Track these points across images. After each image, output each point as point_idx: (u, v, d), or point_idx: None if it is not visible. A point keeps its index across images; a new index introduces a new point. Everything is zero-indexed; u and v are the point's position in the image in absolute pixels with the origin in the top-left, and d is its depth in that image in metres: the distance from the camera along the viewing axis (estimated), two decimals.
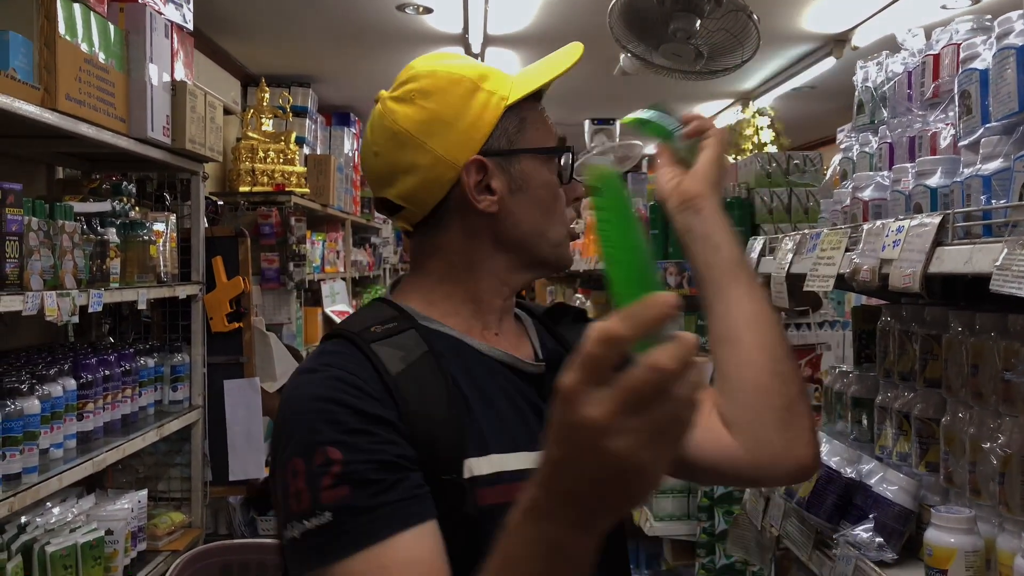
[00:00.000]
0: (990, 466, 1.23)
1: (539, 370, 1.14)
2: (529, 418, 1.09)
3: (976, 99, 1.15)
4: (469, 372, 1.08)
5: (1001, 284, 0.92)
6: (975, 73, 1.15)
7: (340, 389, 0.97)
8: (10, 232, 2.11)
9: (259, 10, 4.63)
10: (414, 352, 1.05)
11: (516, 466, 1.03)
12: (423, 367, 1.03)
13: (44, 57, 2.27)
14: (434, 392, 1.01)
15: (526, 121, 1.15)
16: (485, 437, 1.04)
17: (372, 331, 1.06)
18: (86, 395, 2.65)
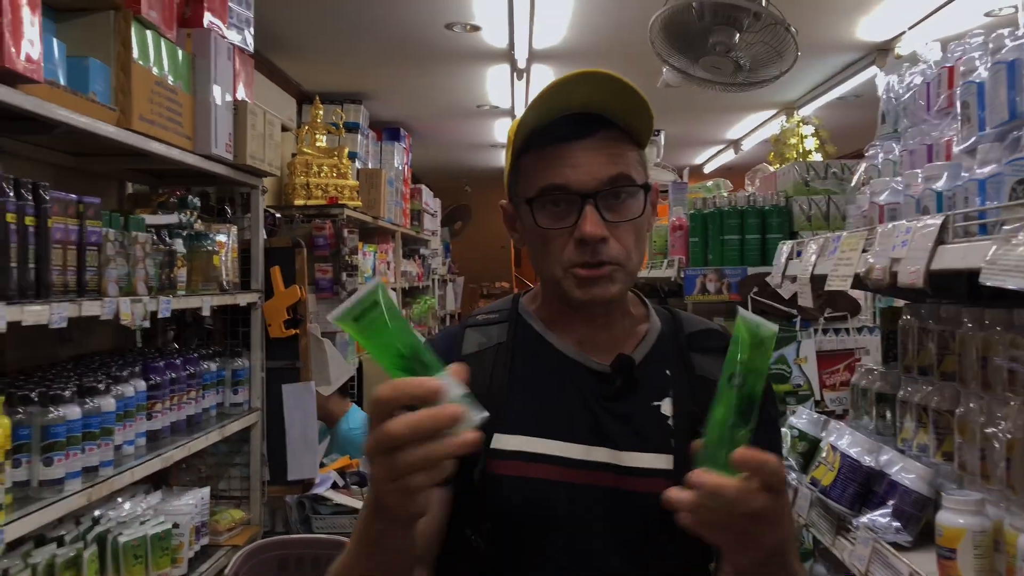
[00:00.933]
0: (997, 451, 1.31)
1: (605, 370, 1.23)
2: (579, 411, 1.20)
3: (974, 109, 1.24)
4: (534, 363, 1.24)
5: (989, 277, 1.01)
6: (973, 85, 1.24)
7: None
8: (90, 243, 2.29)
9: (314, 31, 4.83)
10: (492, 340, 1.27)
11: (539, 450, 1.18)
12: (490, 354, 1.25)
13: (120, 81, 2.45)
14: (483, 375, 1.21)
15: (521, 171, 1.24)
16: (519, 419, 1.20)
17: (477, 318, 1.32)
18: (155, 396, 2.82)
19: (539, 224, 1.19)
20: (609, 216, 1.17)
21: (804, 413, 1.94)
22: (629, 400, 1.21)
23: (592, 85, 1.16)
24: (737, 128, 8.30)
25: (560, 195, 1.17)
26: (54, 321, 2.07)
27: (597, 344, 1.26)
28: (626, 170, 1.19)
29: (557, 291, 1.23)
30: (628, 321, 1.30)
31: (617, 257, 1.18)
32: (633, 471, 1.18)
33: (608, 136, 1.19)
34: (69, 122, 2.15)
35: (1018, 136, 1.11)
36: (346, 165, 5.02)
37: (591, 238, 1.15)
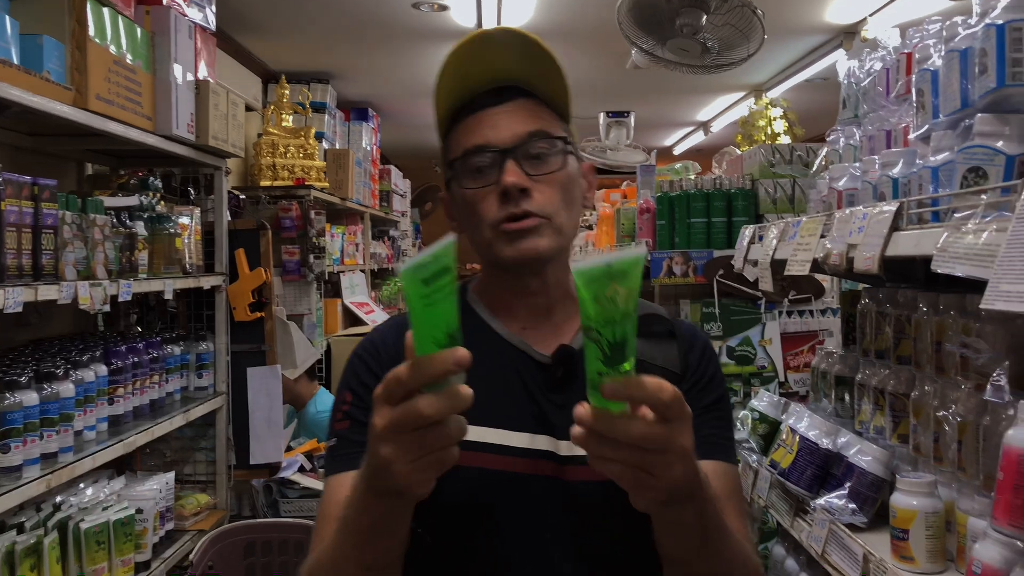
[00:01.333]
0: (949, 434, 1.33)
1: (546, 361, 1.22)
2: (522, 400, 1.20)
3: (928, 97, 1.25)
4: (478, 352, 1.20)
5: (940, 264, 1.02)
6: (928, 73, 1.25)
7: (367, 350, 1.27)
8: (46, 225, 2.25)
9: (278, 9, 4.76)
10: None
11: (482, 438, 1.16)
12: None
13: (75, 59, 2.40)
14: None
15: (448, 149, 1.26)
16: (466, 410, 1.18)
17: None
18: (116, 380, 2.79)
19: (464, 186, 1.21)
20: (531, 170, 1.19)
21: (765, 396, 1.95)
22: (571, 389, 1.20)
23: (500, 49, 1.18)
24: (707, 110, 8.32)
25: (481, 155, 1.19)
26: (9, 306, 2.03)
27: (540, 331, 1.26)
28: (544, 127, 1.21)
29: (491, 259, 1.22)
30: (571, 305, 1.28)
31: (542, 209, 1.18)
32: (574, 460, 1.17)
33: (526, 102, 1.22)
34: (22, 102, 2.10)
35: (970, 124, 1.12)
36: (313, 145, 4.97)
37: (512, 187, 1.16)
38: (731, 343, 3.21)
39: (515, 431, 1.18)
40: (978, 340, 1.24)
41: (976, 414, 1.28)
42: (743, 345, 3.24)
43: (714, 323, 3.23)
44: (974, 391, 1.29)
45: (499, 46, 1.19)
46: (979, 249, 0.95)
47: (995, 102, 1.09)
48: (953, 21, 1.21)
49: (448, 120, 1.25)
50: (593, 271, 0.81)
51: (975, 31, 1.12)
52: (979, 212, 1.00)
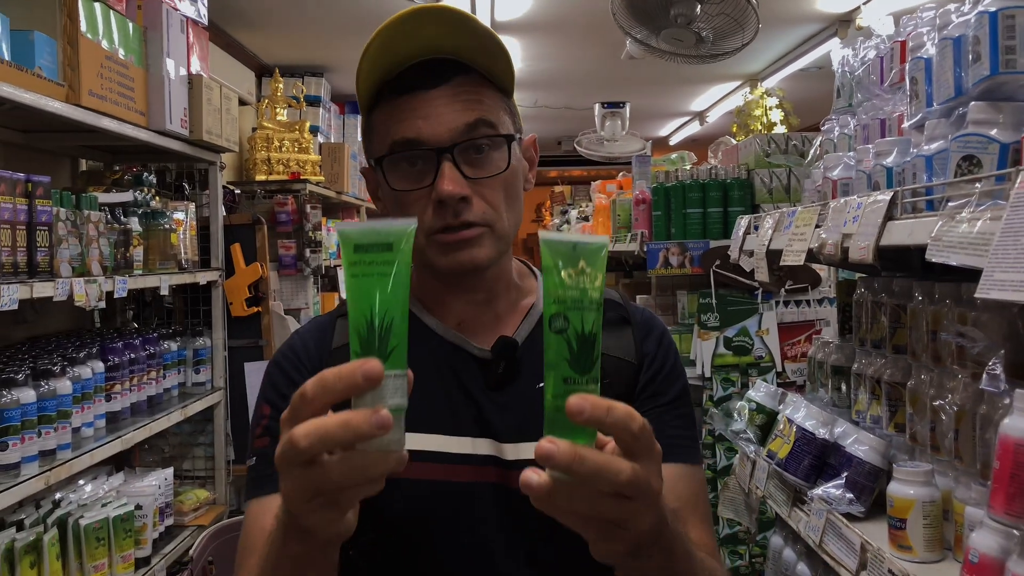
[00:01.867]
0: (945, 423, 1.33)
1: (485, 355, 1.12)
2: (461, 401, 1.10)
3: (922, 85, 1.24)
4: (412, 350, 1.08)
5: (934, 253, 1.02)
6: (921, 61, 1.25)
7: (286, 357, 1.15)
8: (40, 222, 2.24)
9: (271, 2, 4.74)
10: None
11: (421, 446, 1.05)
12: None
13: (67, 55, 2.39)
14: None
15: (373, 128, 1.11)
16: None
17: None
18: (113, 377, 2.79)
19: (393, 187, 1.07)
20: (470, 171, 1.05)
21: (762, 386, 1.96)
22: (513, 386, 1.10)
23: (437, 25, 1.02)
24: (702, 100, 8.31)
25: (413, 152, 1.04)
26: (4, 303, 2.02)
27: (479, 324, 1.14)
28: (486, 116, 1.06)
29: (423, 262, 1.10)
30: (513, 294, 1.17)
31: (483, 217, 1.05)
32: (518, 464, 1.05)
33: (465, 82, 1.06)
34: (14, 99, 2.09)
35: (963, 112, 1.11)
36: (308, 139, 4.96)
37: (449, 198, 1.02)
38: (728, 333, 3.21)
39: (454, 436, 1.08)
40: (974, 329, 1.24)
41: (972, 403, 1.28)
42: (740, 335, 3.24)
43: (711, 313, 3.22)
44: (970, 380, 1.29)
45: (432, 20, 1.02)
46: (973, 238, 0.95)
47: (988, 90, 1.09)
48: (946, 9, 1.21)
49: (371, 99, 1.09)
50: (561, 242, 0.72)
51: (968, 19, 1.11)
52: (973, 201, 1.00)
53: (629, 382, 1.15)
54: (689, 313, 3.41)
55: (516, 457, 1.07)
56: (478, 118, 1.05)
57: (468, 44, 1.04)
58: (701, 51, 3.84)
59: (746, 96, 6.71)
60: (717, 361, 3.21)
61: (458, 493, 1.05)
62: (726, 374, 3.21)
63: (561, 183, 11.42)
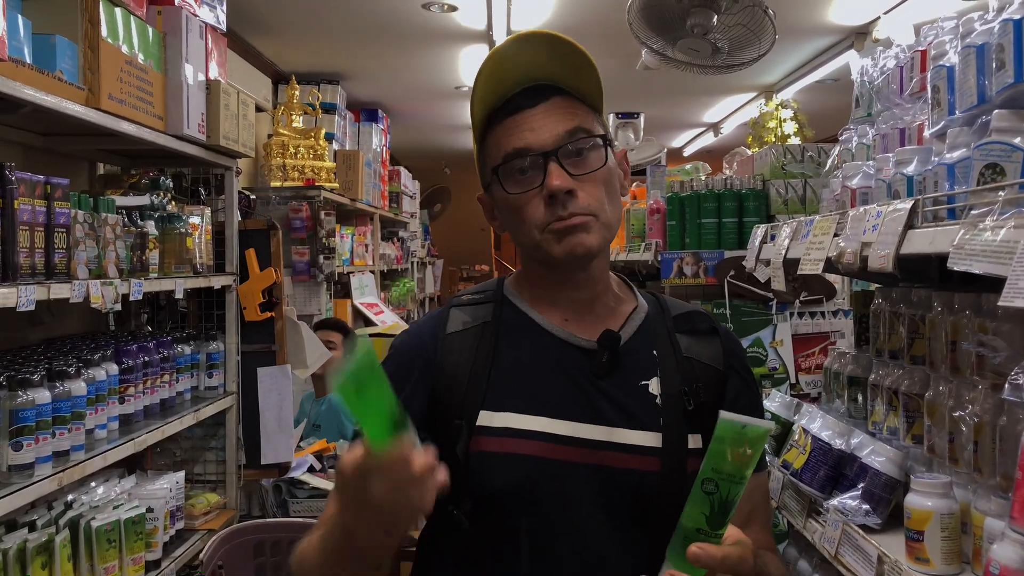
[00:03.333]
0: (964, 434, 1.32)
1: (592, 346, 1.24)
2: (566, 388, 1.21)
3: (944, 93, 1.24)
4: (520, 341, 1.25)
5: (956, 262, 1.02)
6: (943, 70, 1.24)
7: (403, 340, 1.31)
8: (59, 224, 2.26)
9: (289, 10, 4.77)
10: (478, 319, 1.28)
11: (527, 426, 1.18)
12: (474, 332, 1.26)
13: (88, 59, 2.41)
14: (468, 353, 1.24)
15: (486, 152, 1.28)
16: (507, 397, 1.21)
17: (462, 299, 1.34)
18: (127, 379, 2.79)
19: (508, 192, 1.22)
20: (573, 170, 1.20)
21: (777, 396, 1.94)
22: (616, 378, 1.22)
23: (532, 50, 1.21)
24: (716, 111, 8.30)
25: (523, 159, 1.20)
26: (21, 304, 2.03)
27: (583, 322, 1.26)
28: (582, 124, 1.22)
29: (539, 258, 1.24)
30: (612, 299, 1.30)
31: (589, 207, 1.20)
32: (622, 447, 1.18)
33: (561, 100, 1.23)
34: (35, 101, 2.11)
35: (986, 121, 1.11)
36: (323, 146, 4.98)
37: (558, 190, 1.17)
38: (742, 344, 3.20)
39: (560, 419, 1.18)
40: (996, 339, 1.23)
41: (993, 414, 1.27)
42: (754, 347, 3.23)
43: (725, 324, 3.21)
44: (991, 391, 1.28)
45: (530, 47, 1.21)
46: (997, 246, 0.94)
47: (1013, 98, 1.09)
48: (969, 17, 1.21)
49: (484, 124, 1.26)
50: (736, 424, 0.89)
51: (992, 27, 1.11)
52: (997, 209, 0.99)
53: (717, 388, 1.27)
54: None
55: (621, 441, 1.18)
56: (576, 126, 1.21)
57: (562, 68, 1.22)
58: (717, 61, 3.84)
59: (761, 108, 6.70)
60: None
61: (559, 470, 1.16)
62: None
63: None
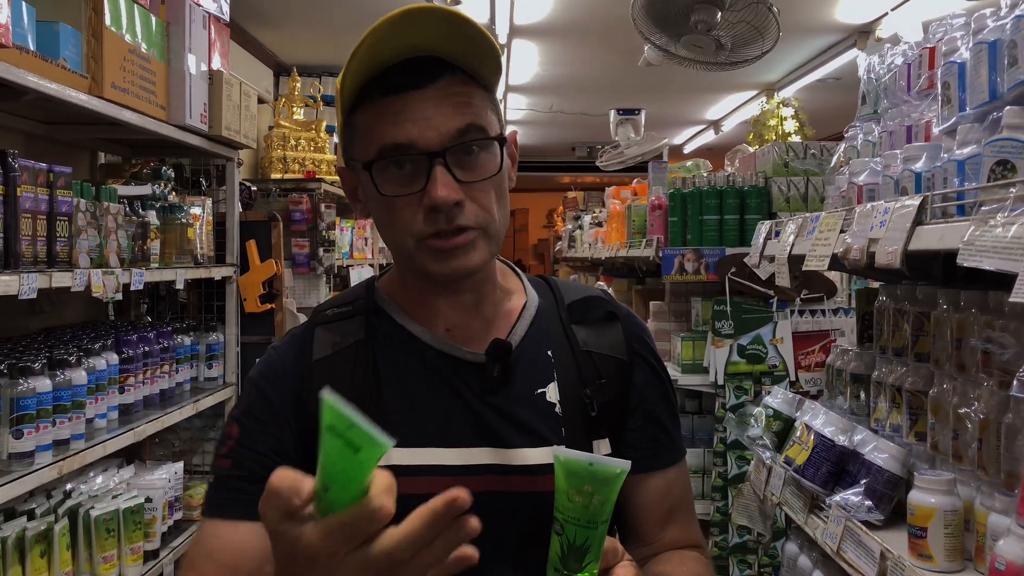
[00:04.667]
0: (969, 432, 1.32)
1: (479, 360, 1.10)
2: (455, 410, 1.08)
3: (955, 90, 1.24)
4: (399, 362, 1.10)
5: (966, 258, 1.01)
6: (954, 66, 1.24)
7: (262, 374, 1.11)
8: (61, 212, 2.25)
9: (291, 1, 4.76)
10: (348, 339, 1.11)
11: (413, 461, 1.04)
12: (347, 355, 1.10)
13: (92, 47, 2.40)
14: (343, 383, 1.06)
15: (355, 129, 1.08)
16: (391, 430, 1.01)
17: (326, 312, 1.15)
18: (127, 369, 2.79)
19: (382, 192, 1.03)
20: (462, 175, 1.02)
21: (779, 393, 1.95)
22: (509, 390, 1.09)
23: (423, 24, 1.00)
24: (717, 108, 8.30)
25: (403, 156, 1.02)
26: (23, 292, 2.03)
27: (468, 329, 1.12)
28: (476, 120, 1.04)
29: (412, 267, 1.08)
30: (500, 296, 1.16)
31: (477, 220, 1.03)
32: (522, 469, 1.06)
33: (452, 82, 1.03)
34: (39, 89, 2.10)
35: (998, 117, 1.11)
36: (324, 139, 4.97)
37: (443, 204, 1.00)
38: (742, 341, 3.20)
39: (451, 448, 1.06)
40: (1003, 335, 1.23)
41: (997, 412, 1.27)
42: (754, 344, 3.23)
43: (725, 321, 3.21)
44: (996, 388, 1.28)
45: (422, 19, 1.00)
46: (1008, 242, 0.94)
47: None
48: (981, 13, 1.20)
49: (354, 95, 1.05)
50: (575, 463, 0.82)
51: (1004, 23, 1.10)
52: (1008, 205, 0.99)
53: (623, 379, 1.16)
54: (703, 320, 3.40)
55: (520, 462, 1.06)
56: (469, 123, 1.03)
57: (454, 41, 1.02)
58: (720, 58, 3.84)
59: (762, 105, 6.70)
60: (730, 369, 3.20)
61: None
62: (739, 382, 3.20)
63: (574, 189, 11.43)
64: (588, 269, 6.62)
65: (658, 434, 1.17)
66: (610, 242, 5.06)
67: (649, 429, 1.16)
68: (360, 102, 1.05)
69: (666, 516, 1.16)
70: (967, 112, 1.20)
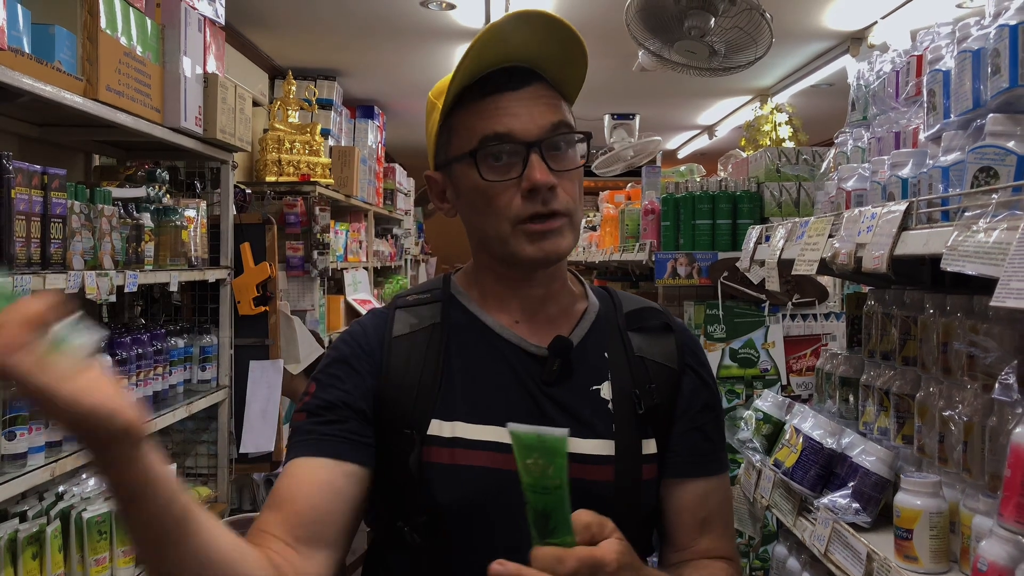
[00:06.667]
0: (954, 434, 1.34)
1: (542, 353, 1.18)
2: (517, 396, 1.17)
3: (940, 97, 1.26)
4: (469, 346, 1.20)
5: (949, 263, 1.03)
6: (939, 74, 1.26)
7: (345, 340, 1.23)
8: (55, 215, 2.26)
9: (287, 4, 4.77)
10: (425, 321, 1.22)
11: (477, 436, 1.13)
12: (422, 335, 1.21)
13: (87, 50, 2.41)
14: (418, 357, 1.18)
15: (453, 129, 1.18)
16: (457, 405, 1.16)
17: (407, 298, 1.26)
18: (121, 371, 2.79)
19: (484, 177, 1.13)
20: (554, 165, 1.13)
21: (769, 396, 1.96)
22: (567, 384, 1.18)
23: (529, 30, 1.11)
24: (711, 113, 8.33)
25: (502, 145, 1.12)
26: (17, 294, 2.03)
27: (534, 324, 1.22)
28: (565, 118, 1.16)
29: (501, 253, 1.17)
30: (566, 298, 1.25)
31: (567, 207, 1.14)
32: (574, 457, 1.08)
33: (541, 87, 1.16)
34: (34, 91, 2.11)
35: (981, 124, 1.12)
36: (319, 142, 4.98)
37: (542, 185, 1.10)
38: (734, 345, 3.22)
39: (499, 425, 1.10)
40: (987, 339, 1.24)
41: (982, 415, 1.29)
42: (746, 348, 3.25)
43: (717, 325, 3.23)
44: (981, 392, 1.29)
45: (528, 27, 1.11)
46: (990, 247, 0.95)
47: (1007, 102, 1.10)
48: (966, 23, 1.22)
49: (454, 101, 1.17)
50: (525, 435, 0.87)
51: (988, 32, 1.12)
52: (990, 211, 1.01)
53: (672, 387, 1.23)
54: (695, 324, 3.42)
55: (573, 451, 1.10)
56: (560, 120, 1.14)
57: (552, 54, 1.14)
58: (713, 64, 3.86)
59: (756, 111, 6.73)
60: (722, 372, 3.22)
61: (508, 482, 1.06)
62: (731, 386, 3.22)
63: None
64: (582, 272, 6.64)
65: (700, 443, 1.23)
66: (604, 246, 5.08)
67: (692, 436, 1.23)
68: (457, 106, 1.17)
69: (701, 524, 1.22)
70: (952, 119, 1.22)
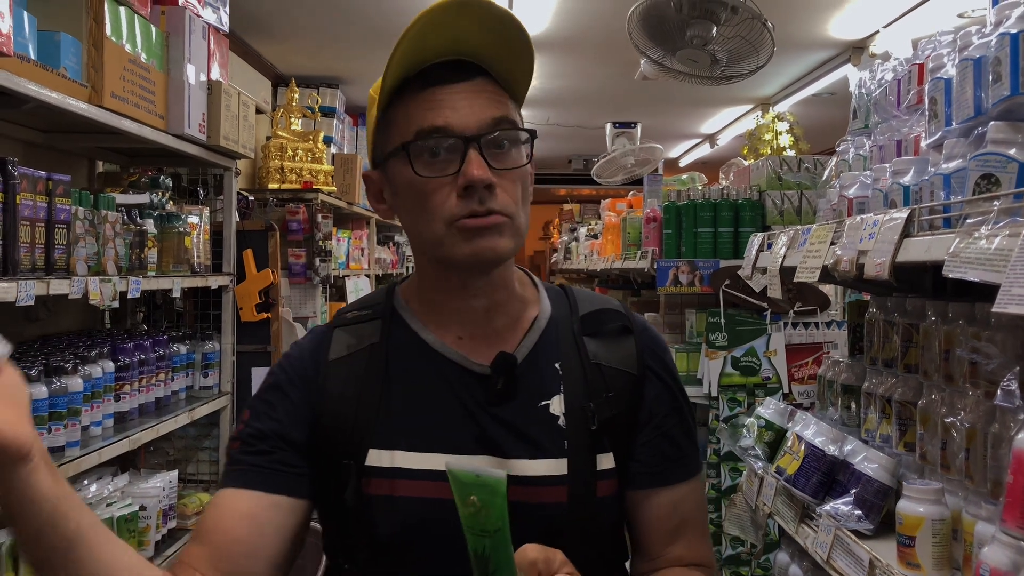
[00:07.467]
0: (956, 442, 1.34)
1: (485, 371, 1.11)
2: (460, 419, 1.10)
3: (941, 105, 1.26)
4: (409, 367, 1.13)
5: (951, 269, 1.03)
6: (941, 82, 1.27)
7: (282, 366, 1.17)
8: (59, 220, 2.27)
9: (290, 13, 4.79)
10: (364, 341, 1.15)
11: (418, 465, 1.07)
12: (360, 357, 1.14)
13: (92, 57, 2.42)
14: (355, 383, 1.12)
15: (391, 124, 1.11)
16: (396, 433, 1.09)
17: (346, 315, 1.20)
18: (123, 377, 2.80)
19: (418, 173, 1.06)
20: (494, 163, 1.06)
21: (771, 403, 1.96)
22: (514, 403, 1.10)
23: (468, 20, 1.04)
24: (713, 122, 8.35)
25: (439, 139, 1.05)
26: (21, 299, 2.04)
27: (478, 339, 1.14)
28: (509, 115, 1.09)
29: (437, 256, 1.09)
30: (515, 306, 1.17)
31: (505, 207, 1.06)
32: (524, 480, 1.06)
33: (486, 82, 1.09)
34: (39, 97, 2.12)
35: (982, 132, 1.13)
36: (321, 149, 4.99)
37: (478, 182, 1.03)
38: (736, 353, 3.22)
39: (454, 455, 1.07)
40: (989, 345, 1.25)
41: (984, 422, 1.29)
42: (748, 356, 3.25)
43: (719, 333, 3.23)
44: (983, 398, 1.30)
45: (467, 16, 1.04)
46: (991, 254, 0.96)
47: (1009, 110, 1.11)
48: (967, 31, 1.23)
49: (392, 93, 1.09)
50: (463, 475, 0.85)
51: (989, 40, 1.13)
52: (992, 218, 1.01)
53: (632, 393, 1.16)
54: (697, 332, 3.42)
55: (522, 473, 1.07)
56: (503, 115, 1.08)
57: (497, 47, 1.07)
58: (715, 72, 3.87)
59: (757, 120, 6.74)
60: (724, 380, 3.21)
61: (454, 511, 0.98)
62: (732, 394, 3.22)
63: (570, 201, 11.47)
64: (584, 281, 6.65)
65: (667, 449, 1.17)
66: (605, 254, 5.08)
67: (659, 444, 1.17)
68: (396, 100, 1.10)
69: (673, 532, 1.17)
70: (953, 127, 1.23)
